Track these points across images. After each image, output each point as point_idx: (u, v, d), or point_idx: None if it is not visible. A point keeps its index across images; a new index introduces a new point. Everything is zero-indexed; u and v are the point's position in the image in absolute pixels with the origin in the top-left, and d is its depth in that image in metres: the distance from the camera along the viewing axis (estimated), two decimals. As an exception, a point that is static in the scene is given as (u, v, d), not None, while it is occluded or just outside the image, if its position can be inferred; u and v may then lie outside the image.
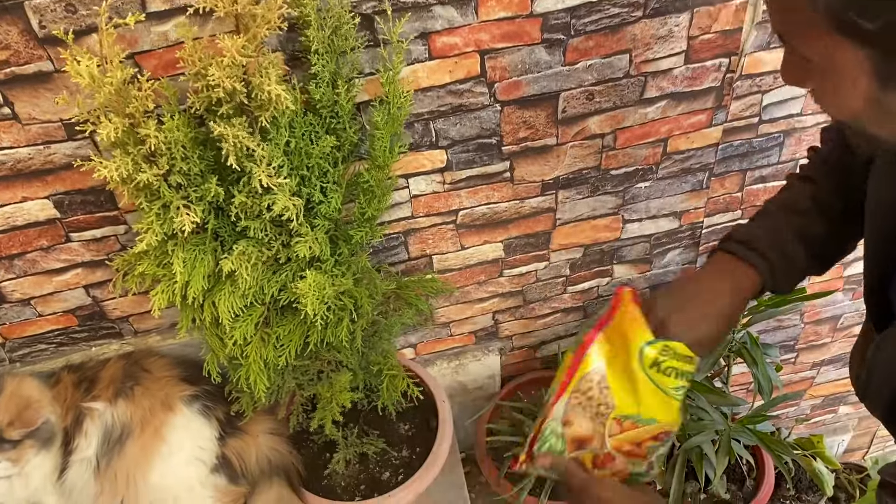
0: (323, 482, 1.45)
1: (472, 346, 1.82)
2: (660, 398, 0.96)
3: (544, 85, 1.31)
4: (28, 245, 1.30)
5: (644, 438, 0.98)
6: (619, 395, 0.96)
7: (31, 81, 1.10)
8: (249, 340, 1.16)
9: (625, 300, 0.98)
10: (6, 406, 1.25)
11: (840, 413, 2.55)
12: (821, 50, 0.61)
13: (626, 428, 0.97)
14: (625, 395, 0.96)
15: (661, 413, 0.97)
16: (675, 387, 0.95)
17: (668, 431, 0.98)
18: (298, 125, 1.04)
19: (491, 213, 1.49)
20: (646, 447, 0.98)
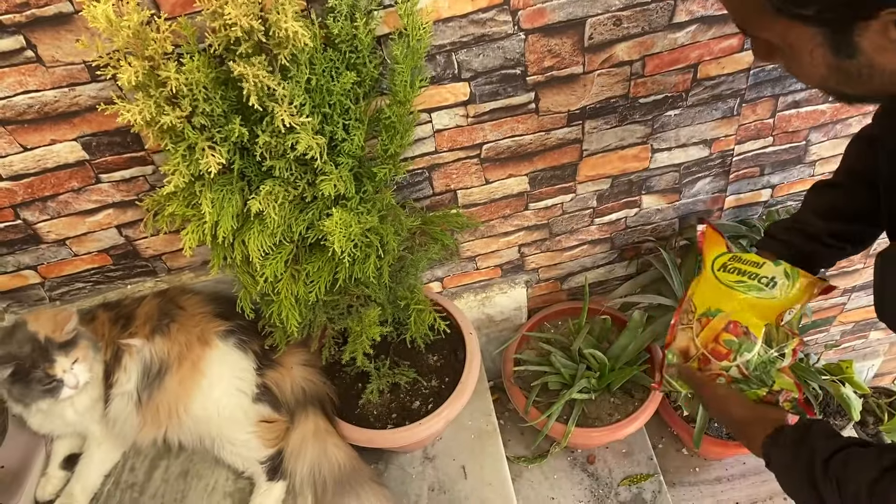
0: (356, 411, 1.50)
1: (498, 279, 1.83)
2: (724, 291, 1.12)
3: (570, 11, 1.27)
4: (59, 187, 1.33)
5: (718, 330, 1.11)
6: (698, 298, 1.15)
7: (52, 23, 1.09)
8: (280, 277, 1.18)
9: (707, 234, 1.18)
10: (43, 325, 1.30)
11: (871, 338, 2.54)
12: (777, 33, 0.71)
13: (704, 324, 1.12)
14: (701, 296, 1.14)
15: (725, 303, 1.11)
16: (736, 280, 1.11)
17: (737, 323, 1.09)
18: (318, 62, 1.03)
19: (516, 146, 1.48)
20: (723, 340, 1.10)
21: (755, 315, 1.09)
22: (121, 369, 1.35)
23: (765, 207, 1.83)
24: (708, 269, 1.15)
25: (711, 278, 1.14)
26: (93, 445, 1.43)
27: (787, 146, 1.67)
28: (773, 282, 1.09)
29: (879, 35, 0.65)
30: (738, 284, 1.10)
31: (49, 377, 1.28)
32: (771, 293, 1.08)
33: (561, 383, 1.76)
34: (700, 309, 1.13)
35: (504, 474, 1.56)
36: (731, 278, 1.12)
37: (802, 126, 1.63)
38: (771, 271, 1.09)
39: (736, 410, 1.04)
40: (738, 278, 1.11)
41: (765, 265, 1.09)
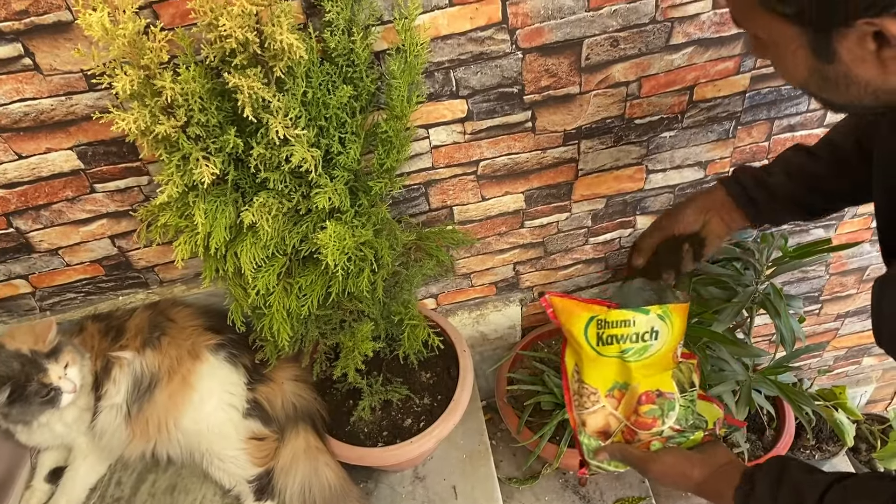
0: (346, 428, 1.48)
1: (492, 296, 1.82)
2: (616, 364, 1.08)
3: (567, 31, 1.28)
4: (54, 196, 1.32)
5: (633, 404, 1.07)
6: (593, 379, 1.09)
7: (51, 31, 1.10)
8: (272, 290, 1.17)
9: (555, 304, 1.11)
10: (23, 340, 1.29)
11: (864, 364, 2.53)
12: (763, 28, 0.73)
13: (619, 398, 1.09)
14: (597, 376, 1.08)
15: (625, 376, 1.08)
16: (621, 350, 1.06)
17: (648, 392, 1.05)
18: (315, 75, 1.03)
19: (512, 164, 1.48)
20: (643, 412, 1.06)
21: (658, 371, 1.06)
22: (110, 381, 1.34)
23: (760, 231, 1.83)
24: (586, 347, 1.08)
25: (594, 356, 1.08)
26: (78, 458, 1.42)
27: (782, 169, 1.67)
28: (654, 333, 1.05)
29: (857, 45, 0.66)
30: (624, 354, 1.06)
31: (45, 386, 1.27)
32: (658, 345, 1.05)
33: (554, 403, 1.74)
34: (604, 386, 1.09)
35: (495, 495, 1.54)
36: (613, 350, 1.06)
37: (797, 150, 1.63)
38: (645, 324, 1.04)
39: (690, 473, 1.00)
40: (620, 347, 1.06)
41: (636, 319, 1.04)
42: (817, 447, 2.14)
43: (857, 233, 1.88)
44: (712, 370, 1.63)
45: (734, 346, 1.59)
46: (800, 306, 1.70)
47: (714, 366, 1.64)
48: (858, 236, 1.88)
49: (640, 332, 1.04)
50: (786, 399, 1.71)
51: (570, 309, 1.09)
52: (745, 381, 1.64)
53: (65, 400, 1.29)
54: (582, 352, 1.09)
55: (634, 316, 1.04)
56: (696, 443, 1.05)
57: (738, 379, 1.63)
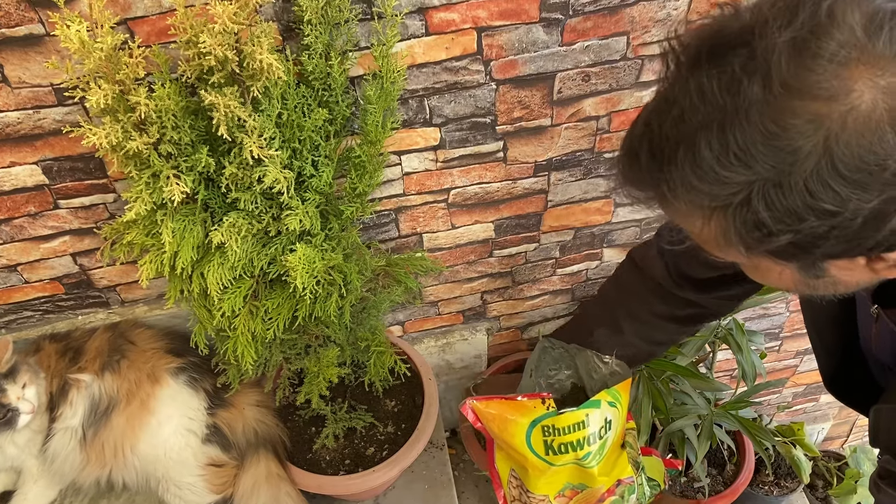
0: (308, 456, 1.45)
1: (459, 325, 1.82)
2: (572, 470, 0.98)
3: (541, 65, 1.30)
4: (15, 211, 1.29)
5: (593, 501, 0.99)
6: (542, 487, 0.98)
7: (22, 44, 1.08)
8: (237, 313, 1.16)
9: (479, 410, 0.99)
10: None
11: (821, 402, 2.58)
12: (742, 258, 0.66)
13: (570, 496, 1.00)
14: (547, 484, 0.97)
15: (584, 479, 0.98)
16: (579, 457, 0.95)
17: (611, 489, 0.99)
18: (291, 97, 1.03)
19: (483, 193, 1.49)
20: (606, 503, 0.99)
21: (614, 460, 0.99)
22: (66, 403, 1.30)
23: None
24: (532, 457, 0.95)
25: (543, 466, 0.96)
26: (28, 482, 1.36)
27: (745, 207, 1.71)
28: (608, 423, 0.96)
29: (848, 264, 0.63)
30: (583, 461, 0.95)
31: (3, 407, 1.23)
32: (612, 433, 0.97)
33: (518, 434, 1.74)
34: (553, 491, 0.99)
35: (457, 526, 1.52)
36: (568, 458, 0.95)
37: (760, 189, 1.67)
38: (598, 418, 0.94)
39: None
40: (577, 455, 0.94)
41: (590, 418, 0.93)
42: (776, 483, 2.16)
43: (815, 271, 1.92)
44: (675, 403, 1.65)
45: (697, 380, 1.61)
46: (761, 342, 1.73)
47: (677, 399, 1.66)
48: (817, 275, 1.93)
49: (596, 430, 0.94)
50: (746, 434, 1.73)
51: (503, 415, 0.95)
52: (707, 416, 1.65)
53: (22, 421, 1.25)
54: (526, 462, 0.96)
55: (588, 413, 0.93)
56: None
57: (701, 413, 1.65)
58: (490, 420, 0.96)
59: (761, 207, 0.56)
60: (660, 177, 0.61)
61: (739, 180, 0.56)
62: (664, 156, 0.60)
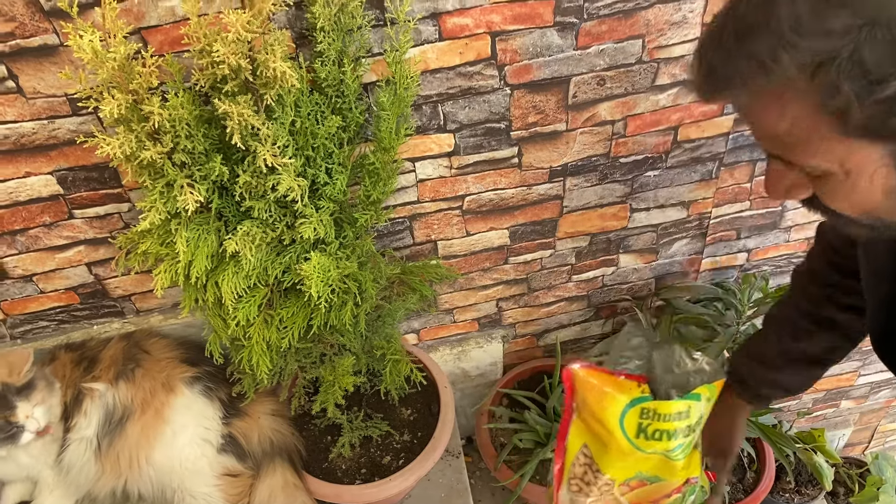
0: (324, 465, 1.44)
1: (475, 332, 1.81)
2: (656, 461, 0.93)
3: (555, 69, 1.29)
4: (31, 221, 1.29)
5: (658, 496, 0.95)
6: (614, 471, 0.93)
7: (36, 55, 1.08)
8: (252, 322, 1.15)
9: (580, 379, 0.92)
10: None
11: (842, 407, 2.54)
12: (836, 157, 0.60)
13: (634, 486, 0.94)
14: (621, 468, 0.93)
15: (663, 472, 0.94)
16: (670, 448, 0.90)
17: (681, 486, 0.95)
18: (304, 104, 1.03)
19: (498, 200, 1.48)
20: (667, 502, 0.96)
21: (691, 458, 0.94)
22: (81, 413, 1.29)
23: (740, 271, 1.84)
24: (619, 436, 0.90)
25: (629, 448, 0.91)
26: (44, 492, 1.36)
27: (763, 211, 1.69)
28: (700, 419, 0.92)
29: None
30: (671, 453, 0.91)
31: (10, 424, 1.22)
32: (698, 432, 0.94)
33: (535, 442, 1.72)
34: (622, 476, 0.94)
35: (474, 535, 1.51)
36: (659, 447, 0.90)
37: (778, 192, 1.65)
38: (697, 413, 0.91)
39: None
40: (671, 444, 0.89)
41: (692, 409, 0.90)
42: (797, 490, 2.13)
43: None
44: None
45: (717, 387, 1.58)
46: (781, 347, 1.70)
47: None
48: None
49: (692, 423, 0.90)
50: (767, 441, 1.71)
51: (602, 387, 0.90)
52: (727, 422, 1.63)
53: (25, 438, 1.23)
54: (610, 440, 0.92)
55: (690, 405, 0.89)
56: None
57: (721, 420, 1.62)
58: (588, 389, 0.91)
59: (866, 52, 0.52)
60: (750, 51, 0.57)
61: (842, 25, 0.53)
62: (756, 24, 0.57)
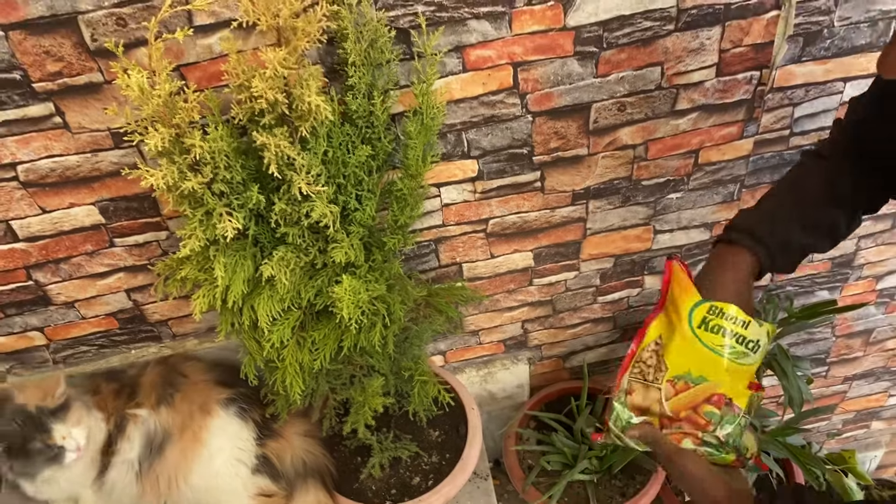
0: (355, 486, 1.47)
1: (500, 354, 1.83)
2: (707, 356, 1.00)
3: (576, 96, 1.33)
4: (74, 249, 1.35)
5: (698, 401, 1.00)
6: (672, 358, 1.02)
7: (82, 92, 1.15)
8: (286, 344, 1.19)
9: (675, 271, 1.06)
10: (31, 395, 1.28)
11: (873, 429, 2.51)
12: None
13: (679, 389, 1.01)
14: (677, 357, 1.01)
15: (709, 370, 1.00)
16: (721, 344, 0.99)
17: (721, 395, 0.99)
18: (336, 135, 1.07)
19: (521, 222, 1.51)
20: (703, 412, 1.00)
21: (738, 382, 1.01)
22: (124, 438, 1.33)
23: (766, 292, 1.85)
24: (685, 324, 1.01)
25: (690, 336, 1.01)
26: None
27: (786, 231, 1.70)
28: (758, 345, 1.00)
29: None
30: (722, 349, 1.00)
31: (49, 447, 1.26)
32: (754, 358, 1.00)
33: (562, 464, 1.73)
34: (674, 370, 1.01)
35: (503, 556, 1.52)
36: (714, 340, 1.00)
37: (800, 212, 1.67)
38: (756, 333, 1.00)
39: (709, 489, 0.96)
40: (723, 341, 0.99)
41: (750, 325, 0.99)
42: (828, 513, 2.11)
43: (861, 295, 1.90)
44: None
45: (743, 407, 1.59)
46: (807, 367, 1.70)
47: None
48: (863, 298, 1.90)
49: (747, 337, 0.99)
50: (795, 462, 1.70)
51: (686, 285, 1.04)
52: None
53: (69, 458, 1.27)
54: (679, 326, 1.02)
55: (751, 320, 1.00)
56: (724, 462, 1.02)
57: (748, 440, 1.62)
58: (677, 282, 1.05)
59: None
60: None
61: None
62: None
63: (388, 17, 1.15)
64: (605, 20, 1.24)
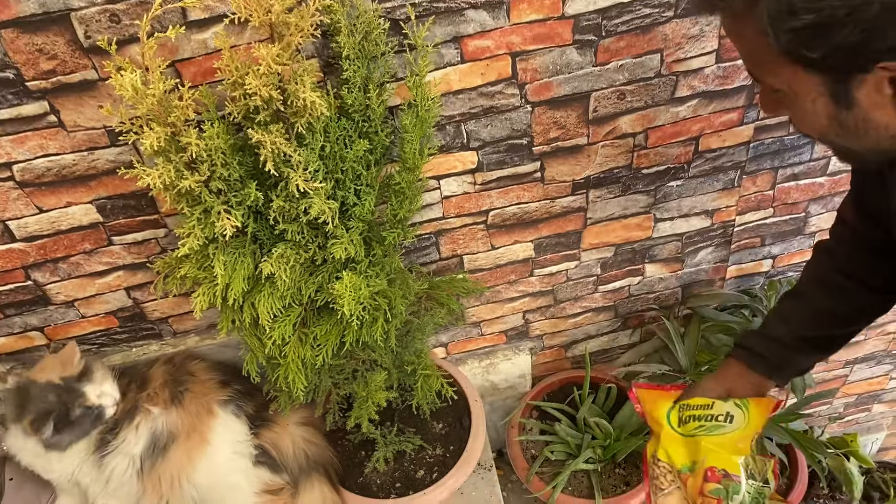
0: (359, 479, 1.47)
1: (502, 345, 1.83)
2: (689, 443, 1.12)
3: (575, 85, 1.32)
4: (72, 249, 1.34)
5: (699, 484, 1.08)
6: (672, 458, 1.13)
7: (76, 90, 1.13)
8: (288, 340, 1.18)
9: (640, 395, 1.21)
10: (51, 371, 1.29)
11: (874, 412, 2.52)
12: (784, 79, 0.74)
13: (685, 481, 1.10)
14: (674, 455, 1.14)
15: (695, 454, 1.10)
16: (695, 427, 1.12)
17: (713, 468, 1.06)
18: (333, 130, 1.06)
19: (521, 213, 1.50)
20: (709, 492, 1.06)
21: (727, 452, 1.08)
22: (131, 427, 1.32)
23: (766, 278, 1.85)
24: (667, 427, 1.15)
25: (674, 435, 1.14)
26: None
27: (787, 217, 1.70)
28: (730, 417, 1.10)
29: (874, 90, 0.69)
30: (699, 430, 1.11)
31: (89, 409, 1.27)
32: (733, 427, 1.10)
33: (566, 453, 1.73)
34: (679, 465, 1.12)
35: (508, 547, 1.52)
36: (690, 427, 1.12)
37: (802, 198, 1.66)
38: (722, 408, 1.11)
39: None
40: (697, 424, 1.12)
41: (714, 404, 1.12)
42: (831, 496, 2.11)
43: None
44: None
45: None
46: (809, 353, 1.70)
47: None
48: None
49: (715, 413, 1.11)
50: (798, 447, 1.70)
51: (655, 397, 1.20)
52: (758, 429, 1.63)
53: (108, 414, 1.30)
54: (662, 431, 1.15)
55: (713, 401, 1.12)
56: None
57: (751, 427, 1.62)
58: (646, 402, 1.20)
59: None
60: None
61: None
62: None
63: (384, 9, 1.13)
64: (604, 7, 1.22)
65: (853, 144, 0.78)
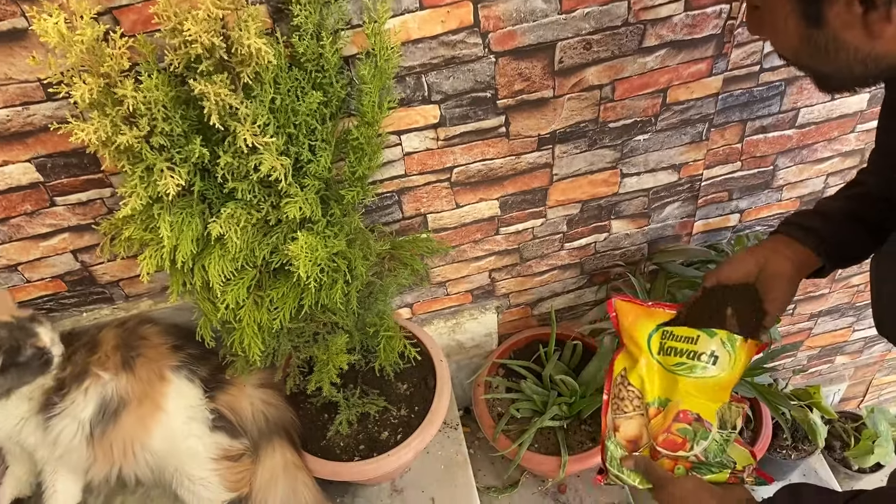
0: (322, 443, 1.44)
1: (468, 304, 1.80)
2: (667, 378, 1.07)
3: (540, 34, 1.26)
4: (12, 210, 1.27)
5: (668, 422, 1.05)
6: (644, 387, 1.08)
7: (5, 39, 1.05)
8: (242, 304, 1.14)
9: (618, 307, 1.14)
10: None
11: (836, 363, 2.56)
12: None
13: (653, 415, 1.07)
14: (648, 384, 1.08)
15: (671, 391, 1.06)
16: (675, 363, 1.06)
17: (686, 411, 1.04)
18: (283, 81, 1.00)
19: (486, 170, 1.46)
20: (676, 430, 1.04)
21: (705, 397, 1.04)
22: (80, 390, 1.26)
23: (733, 232, 1.84)
24: (646, 353, 1.09)
25: (653, 363, 1.09)
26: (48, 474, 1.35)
27: (755, 171, 1.68)
28: (714, 357, 1.04)
29: (844, 9, 0.68)
30: (678, 368, 1.06)
31: (40, 350, 1.22)
32: (713, 371, 1.04)
33: (532, 410, 1.73)
34: (649, 397, 1.08)
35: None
36: (669, 361, 1.07)
37: (770, 151, 1.64)
38: (707, 345, 1.04)
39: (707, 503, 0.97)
40: (678, 360, 1.06)
41: (699, 338, 1.05)
42: (794, 447, 2.15)
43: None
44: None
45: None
46: (775, 307, 1.70)
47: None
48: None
49: (699, 351, 1.05)
50: (763, 400, 1.71)
51: (636, 313, 1.12)
52: (723, 384, 1.63)
53: (55, 363, 1.25)
54: (640, 355, 1.10)
55: (699, 334, 1.05)
56: (719, 480, 1.02)
57: (716, 382, 1.63)
58: (625, 315, 1.12)
59: None
60: None
61: None
62: None
63: (337, -49, 1.07)
64: (569, -48, 1.17)
65: (825, 67, 0.77)
